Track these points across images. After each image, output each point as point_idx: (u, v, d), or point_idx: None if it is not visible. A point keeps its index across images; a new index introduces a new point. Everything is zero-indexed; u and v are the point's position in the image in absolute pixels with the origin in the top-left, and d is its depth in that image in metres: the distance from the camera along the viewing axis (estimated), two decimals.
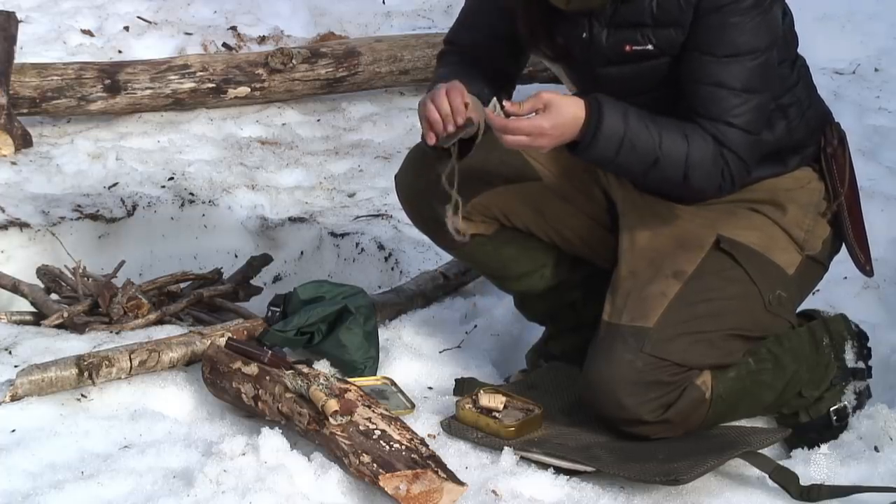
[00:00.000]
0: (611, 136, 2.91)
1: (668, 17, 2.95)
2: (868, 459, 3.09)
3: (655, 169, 2.96)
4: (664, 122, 2.95)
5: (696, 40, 2.95)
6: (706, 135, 2.95)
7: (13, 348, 3.37)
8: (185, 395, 3.20)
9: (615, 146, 2.92)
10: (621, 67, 3.02)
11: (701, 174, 2.97)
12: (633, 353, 2.99)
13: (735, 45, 2.93)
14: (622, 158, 2.94)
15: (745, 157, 2.98)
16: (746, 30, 2.93)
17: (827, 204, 3.19)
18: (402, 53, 5.62)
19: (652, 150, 2.93)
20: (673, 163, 2.95)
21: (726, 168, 2.97)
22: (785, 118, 3.10)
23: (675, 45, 2.97)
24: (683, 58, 2.97)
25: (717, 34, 2.93)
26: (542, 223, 3.28)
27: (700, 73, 2.95)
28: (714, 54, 2.94)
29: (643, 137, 2.92)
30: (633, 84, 3.02)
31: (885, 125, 5.40)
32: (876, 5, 6.75)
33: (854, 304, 3.87)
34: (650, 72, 3.01)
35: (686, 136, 2.94)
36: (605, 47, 3.01)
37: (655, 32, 2.97)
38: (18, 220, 4.30)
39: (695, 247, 3.11)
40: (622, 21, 2.98)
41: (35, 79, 5.11)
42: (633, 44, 2.98)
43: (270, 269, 4.21)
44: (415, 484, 2.73)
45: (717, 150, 2.95)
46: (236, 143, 5.15)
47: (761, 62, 2.95)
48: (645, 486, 2.94)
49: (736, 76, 2.94)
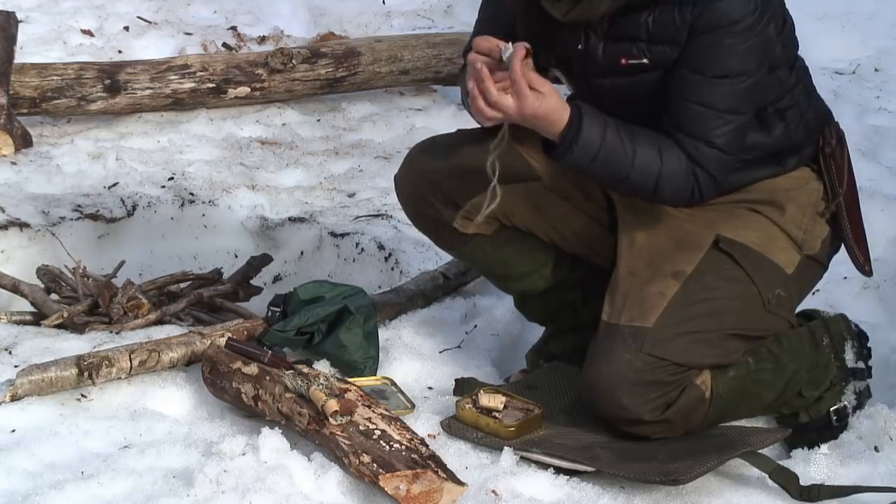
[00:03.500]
0: (586, 149, 2.94)
1: (664, 33, 2.96)
2: (868, 459, 3.09)
3: (626, 182, 3.01)
4: (641, 137, 2.98)
5: (687, 58, 2.96)
6: (681, 152, 2.97)
7: (13, 348, 3.37)
8: (185, 395, 3.20)
9: (589, 158, 2.95)
10: (616, 79, 3.03)
11: (670, 188, 3.00)
12: (632, 353, 2.99)
13: (725, 67, 2.94)
14: (595, 169, 2.98)
15: (717, 175, 3.01)
16: (738, 52, 2.93)
17: (826, 204, 3.20)
18: (402, 53, 5.62)
19: (624, 166, 2.97)
20: (643, 178, 2.99)
21: (696, 185, 3.00)
22: (783, 121, 3.10)
23: (669, 60, 2.98)
24: (673, 73, 2.98)
25: (709, 54, 2.94)
26: (541, 223, 3.28)
27: (687, 90, 2.97)
28: (703, 74, 2.95)
29: (618, 152, 2.96)
30: (627, 94, 3.04)
31: (885, 125, 5.40)
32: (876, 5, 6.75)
33: (854, 304, 3.87)
34: (644, 84, 3.02)
35: (661, 152, 2.97)
36: (600, 59, 3.02)
37: (650, 48, 2.98)
38: (18, 220, 4.30)
39: (694, 247, 3.11)
40: (618, 34, 2.99)
41: (35, 79, 5.11)
42: (629, 57, 2.99)
43: (270, 269, 4.21)
44: (415, 484, 2.73)
45: (689, 167, 2.98)
46: (236, 143, 5.15)
47: (749, 85, 2.96)
48: (645, 486, 2.94)
49: (722, 97, 2.95)
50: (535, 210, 3.27)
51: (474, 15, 3.26)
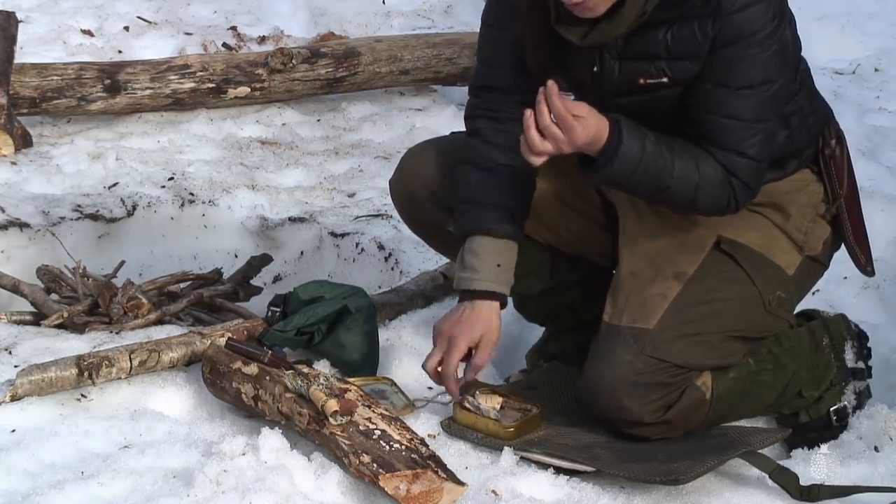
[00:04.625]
0: (626, 162, 2.89)
1: (685, 49, 2.90)
2: (868, 459, 3.09)
3: (665, 193, 2.97)
4: (679, 148, 2.94)
5: (710, 72, 2.91)
6: (717, 164, 2.94)
7: (13, 348, 3.37)
8: (185, 395, 3.20)
9: (629, 171, 2.90)
10: (633, 98, 2.98)
11: (707, 199, 2.97)
12: (633, 354, 2.99)
13: (750, 78, 2.90)
14: (634, 182, 2.93)
15: (752, 184, 2.99)
16: (762, 61, 2.89)
17: (826, 206, 3.19)
18: (402, 53, 5.62)
19: (664, 178, 2.93)
20: (682, 189, 2.95)
21: (732, 194, 2.97)
22: (787, 127, 3.07)
23: (690, 76, 2.93)
24: (695, 88, 2.93)
25: (734, 67, 2.89)
26: (537, 225, 3.25)
27: (713, 104, 2.93)
28: (729, 86, 2.91)
29: (658, 165, 2.91)
30: (645, 111, 2.97)
31: (885, 125, 5.40)
32: (876, 5, 6.76)
33: (854, 304, 3.87)
34: (663, 100, 2.97)
35: (698, 165, 2.93)
36: (616, 79, 2.97)
37: (671, 65, 2.92)
38: (18, 220, 4.30)
39: (695, 248, 3.11)
40: (634, 53, 2.94)
41: (35, 79, 5.11)
42: (647, 77, 2.94)
43: (270, 269, 4.21)
44: (415, 484, 2.73)
45: (725, 178, 2.95)
46: (236, 143, 5.15)
47: (775, 91, 2.93)
48: (645, 486, 2.94)
49: (749, 108, 2.92)
50: (531, 213, 3.24)
51: (475, 15, 3.25)
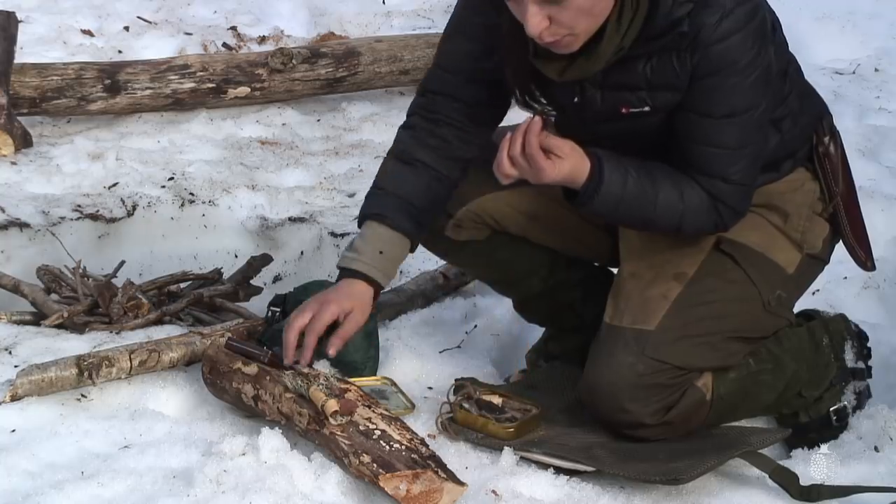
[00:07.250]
0: (608, 197, 2.88)
1: (663, 80, 2.89)
2: (868, 459, 3.09)
3: (650, 224, 2.98)
4: (662, 178, 2.93)
5: (692, 101, 2.89)
6: (702, 191, 2.94)
7: (13, 348, 3.37)
8: (185, 395, 3.20)
9: (612, 207, 2.90)
10: (616, 124, 2.97)
11: (694, 225, 2.98)
12: (634, 356, 2.99)
13: (732, 106, 2.88)
14: (618, 215, 2.95)
15: (739, 207, 2.98)
16: (744, 88, 2.86)
17: (823, 204, 3.18)
18: (402, 53, 5.62)
19: (647, 211, 2.93)
20: (667, 219, 2.95)
21: (719, 218, 2.98)
22: (779, 132, 3.06)
23: (671, 104, 2.92)
24: (678, 117, 2.92)
25: (715, 97, 2.87)
26: (535, 228, 3.25)
27: (697, 133, 2.91)
28: (712, 116, 2.89)
29: (641, 199, 2.91)
30: (629, 136, 2.97)
31: (885, 125, 5.40)
32: (876, 5, 6.76)
33: (854, 304, 3.87)
34: (646, 126, 2.96)
35: (682, 193, 2.93)
36: (599, 107, 2.96)
37: (652, 95, 2.91)
38: (18, 220, 4.30)
39: (696, 248, 3.10)
40: (616, 84, 2.92)
41: (35, 79, 5.11)
42: (630, 106, 2.93)
43: (270, 269, 4.21)
44: (415, 484, 2.73)
45: (711, 204, 2.95)
46: (236, 143, 5.15)
47: (759, 115, 2.91)
48: (645, 486, 2.94)
49: (733, 135, 2.90)
50: (528, 216, 3.23)
51: None
